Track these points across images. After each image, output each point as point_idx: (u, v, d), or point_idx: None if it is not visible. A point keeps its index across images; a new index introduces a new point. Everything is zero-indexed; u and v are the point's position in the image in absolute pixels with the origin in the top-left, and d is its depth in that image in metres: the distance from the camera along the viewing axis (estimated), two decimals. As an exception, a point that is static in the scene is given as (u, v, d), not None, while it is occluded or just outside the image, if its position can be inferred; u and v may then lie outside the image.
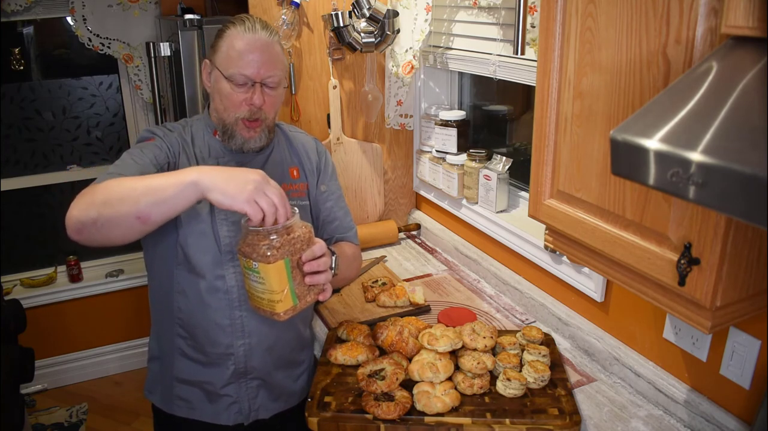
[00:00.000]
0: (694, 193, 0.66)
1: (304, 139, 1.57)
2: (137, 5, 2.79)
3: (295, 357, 1.54)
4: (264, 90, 1.34)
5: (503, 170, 1.91)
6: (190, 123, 1.46)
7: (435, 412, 1.31)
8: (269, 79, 1.34)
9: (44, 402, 2.99)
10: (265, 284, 1.17)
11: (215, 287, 1.37)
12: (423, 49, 2.10)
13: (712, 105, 0.69)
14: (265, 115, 1.36)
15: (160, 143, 1.36)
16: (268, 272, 1.15)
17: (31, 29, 2.91)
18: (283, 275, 1.17)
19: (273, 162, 1.47)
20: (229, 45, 1.32)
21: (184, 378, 1.45)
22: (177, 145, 1.38)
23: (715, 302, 0.91)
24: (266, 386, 1.47)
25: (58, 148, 3.08)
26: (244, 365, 1.42)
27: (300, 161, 1.52)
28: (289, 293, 1.20)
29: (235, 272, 1.38)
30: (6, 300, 2.00)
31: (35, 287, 3.05)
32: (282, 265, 1.16)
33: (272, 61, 1.33)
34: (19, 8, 2.69)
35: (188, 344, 1.42)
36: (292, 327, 1.49)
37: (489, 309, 1.84)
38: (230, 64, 1.31)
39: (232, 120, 1.35)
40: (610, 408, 1.41)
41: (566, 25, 1.07)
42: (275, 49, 1.35)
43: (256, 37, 1.32)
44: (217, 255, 1.36)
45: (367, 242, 2.27)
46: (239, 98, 1.33)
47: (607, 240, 1.06)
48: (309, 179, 1.53)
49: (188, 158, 1.38)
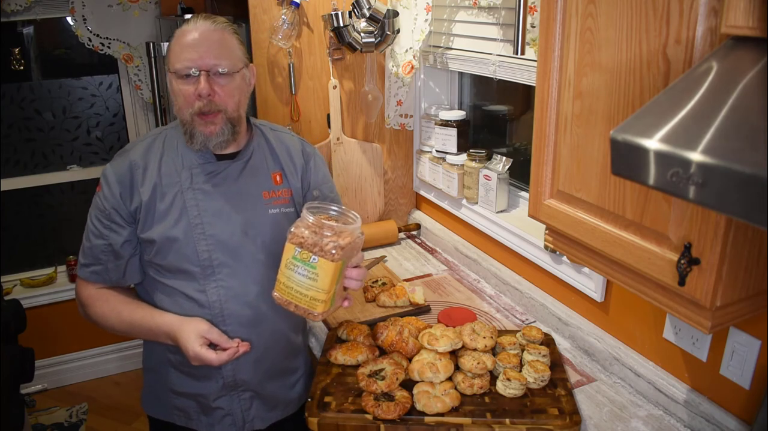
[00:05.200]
0: (694, 193, 0.66)
1: (289, 140, 1.49)
2: (137, 5, 2.79)
3: (288, 366, 1.51)
4: (213, 79, 1.26)
5: (503, 170, 1.91)
6: (164, 133, 1.40)
7: (435, 412, 1.31)
8: (217, 67, 1.26)
9: (44, 402, 2.99)
10: (316, 282, 1.14)
11: (197, 303, 1.35)
12: (423, 49, 2.10)
13: (712, 105, 0.69)
14: (221, 106, 1.28)
15: (106, 193, 1.33)
16: (326, 270, 1.12)
17: (31, 29, 2.91)
18: (335, 277, 1.14)
19: (252, 169, 1.40)
20: (174, 42, 1.28)
21: (178, 390, 1.44)
22: (127, 180, 1.33)
23: (715, 302, 0.91)
24: (259, 397, 1.45)
25: (58, 148, 3.08)
26: (233, 378, 1.40)
27: (282, 166, 1.44)
28: (332, 296, 1.17)
29: (217, 287, 1.35)
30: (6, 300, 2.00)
31: (35, 287, 3.05)
32: (340, 266, 1.13)
33: (218, 48, 1.27)
34: (19, 8, 2.69)
35: (177, 358, 1.39)
36: (281, 336, 1.45)
37: (489, 309, 1.84)
38: (175, 58, 1.27)
39: (188, 118, 1.29)
40: (610, 408, 1.41)
41: (566, 25, 1.07)
42: (221, 37, 1.28)
43: (197, 26, 1.27)
44: (196, 271, 1.34)
45: (367, 242, 2.27)
46: (188, 92, 1.26)
47: (607, 240, 1.06)
48: (293, 184, 1.44)
49: (150, 183, 1.33)
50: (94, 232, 1.36)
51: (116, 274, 1.37)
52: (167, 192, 1.34)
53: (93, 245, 1.36)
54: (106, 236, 1.35)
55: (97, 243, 1.36)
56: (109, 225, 1.34)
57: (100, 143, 3.15)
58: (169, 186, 1.34)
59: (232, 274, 1.36)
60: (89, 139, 3.12)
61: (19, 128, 2.98)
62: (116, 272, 1.37)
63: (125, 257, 1.36)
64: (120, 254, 1.35)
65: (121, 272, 1.37)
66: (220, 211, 1.35)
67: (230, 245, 1.35)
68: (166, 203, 1.34)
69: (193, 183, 1.35)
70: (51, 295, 3.04)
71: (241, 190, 1.38)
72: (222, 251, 1.35)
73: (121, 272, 1.37)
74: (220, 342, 1.30)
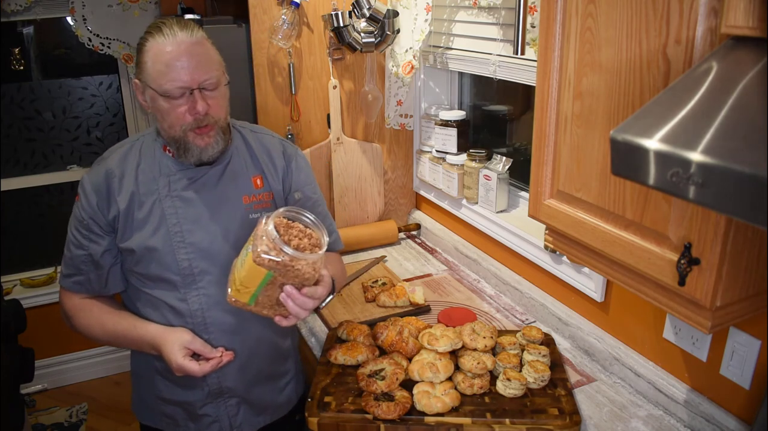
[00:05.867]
0: (694, 193, 0.66)
1: (269, 141, 1.46)
2: (137, 5, 2.79)
3: (276, 370, 1.49)
4: (204, 94, 1.24)
5: (503, 170, 1.91)
6: (141, 140, 1.38)
7: (435, 412, 1.31)
8: (207, 82, 1.23)
9: (44, 402, 2.99)
10: (241, 269, 1.16)
11: (179, 312, 1.34)
12: (423, 49, 2.10)
13: (712, 105, 0.69)
14: (214, 118, 1.27)
15: (84, 203, 1.32)
16: (249, 266, 1.14)
17: (31, 29, 2.91)
18: (256, 280, 1.15)
19: (231, 174, 1.37)
20: (153, 59, 1.22)
21: (165, 397, 1.43)
22: (103, 189, 1.31)
23: (715, 302, 0.91)
24: (246, 402, 1.44)
25: (58, 148, 3.08)
26: (218, 385, 1.39)
27: (263, 169, 1.41)
28: (250, 294, 1.18)
29: (198, 295, 1.33)
30: (6, 300, 2.00)
31: (35, 287, 3.05)
32: (262, 272, 1.13)
33: (204, 62, 1.23)
34: (19, 8, 2.69)
35: (163, 365, 1.36)
36: (266, 341, 1.44)
37: (489, 309, 1.84)
38: (161, 79, 1.21)
39: (181, 133, 1.26)
40: (610, 408, 1.41)
41: (566, 25, 1.07)
42: (204, 49, 1.24)
43: (178, 41, 1.21)
44: (177, 280, 1.33)
45: (367, 242, 2.27)
46: (181, 111, 1.23)
47: (607, 240, 1.06)
48: (274, 186, 1.42)
49: (127, 192, 1.32)
50: (74, 242, 1.35)
51: (98, 284, 1.37)
52: (145, 201, 1.32)
53: (74, 255, 1.35)
54: (86, 247, 1.33)
55: (78, 253, 1.35)
56: (88, 235, 1.33)
57: (100, 143, 3.15)
58: (147, 194, 1.32)
59: (214, 281, 1.34)
60: (89, 139, 3.12)
61: (19, 128, 2.98)
62: (98, 282, 1.36)
63: (106, 266, 1.35)
64: (100, 264, 1.34)
65: (102, 281, 1.36)
66: (200, 218, 1.33)
67: (211, 253, 1.33)
68: (144, 212, 1.32)
69: (171, 191, 1.33)
70: (51, 295, 3.03)
71: (220, 195, 1.36)
72: (203, 258, 1.33)
73: (102, 281, 1.36)
74: (203, 352, 1.29)
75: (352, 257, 2.22)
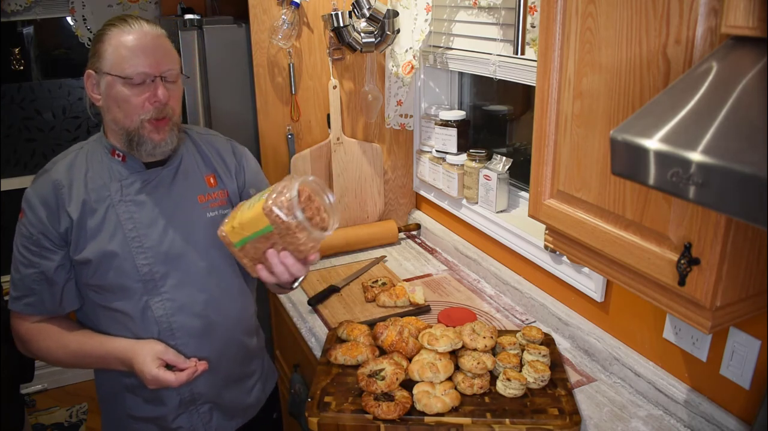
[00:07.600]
0: (694, 193, 0.66)
1: (217, 141, 1.45)
2: (137, 5, 2.79)
3: (243, 371, 1.46)
4: (165, 84, 1.23)
5: (503, 170, 1.91)
6: (85, 148, 1.34)
7: (435, 412, 1.31)
8: (168, 73, 1.24)
9: (44, 402, 2.99)
10: (247, 211, 1.18)
11: (142, 321, 1.30)
12: (423, 49, 2.10)
13: (712, 105, 0.69)
14: (171, 111, 1.26)
15: (31, 218, 1.29)
16: (256, 212, 1.15)
17: (31, 29, 2.91)
18: (255, 227, 1.16)
19: (184, 174, 1.35)
20: (116, 46, 1.21)
21: (136, 415, 1.39)
22: (52, 202, 1.27)
23: (715, 302, 0.91)
24: (218, 407, 1.41)
25: (58, 148, 3.06)
26: (190, 393, 1.35)
27: (215, 168, 1.40)
28: (242, 237, 1.19)
29: (161, 300, 1.30)
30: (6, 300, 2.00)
31: (35, 287, 3.05)
32: (264, 222, 1.15)
33: (167, 54, 1.25)
34: (19, 8, 2.69)
35: (132, 381, 1.33)
36: (233, 342, 1.41)
37: (489, 309, 1.84)
38: (124, 63, 1.20)
39: (137, 124, 1.23)
40: (610, 408, 1.41)
41: (566, 25, 1.07)
42: (167, 43, 1.27)
43: (144, 31, 1.23)
44: (138, 287, 1.29)
45: (367, 242, 2.27)
46: (140, 99, 1.21)
47: (607, 240, 1.06)
48: (228, 185, 1.40)
49: (78, 201, 1.27)
50: (22, 262, 1.29)
51: (52, 303, 1.31)
52: (98, 208, 1.28)
53: (23, 275, 1.29)
54: (37, 264, 1.27)
55: (28, 273, 1.28)
56: (39, 252, 1.27)
57: (100, 143, 3.15)
58: (99, 201, 1.28)
59: (177, 286, 1.31)
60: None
61: (19, 128, 2.98)
62: (52, 301, 1.30)
63: (60, 283, 1.29)
64: (54, 280, 1.28)
65: (57, 300, 1.30)
66: (156, 221, 1.30)
67: (171, 256, 1.30)
68: (98, 219, 1.27)
69: (125, 195, 1.29)
70: (51, 295, 3.04)
71: (175, 197, 1.33)
72: (163, 263, 1.30)
73: (57, 300, 1.30)
74: (177, 362, 1.26)
75: (352, 257, 2.22)
